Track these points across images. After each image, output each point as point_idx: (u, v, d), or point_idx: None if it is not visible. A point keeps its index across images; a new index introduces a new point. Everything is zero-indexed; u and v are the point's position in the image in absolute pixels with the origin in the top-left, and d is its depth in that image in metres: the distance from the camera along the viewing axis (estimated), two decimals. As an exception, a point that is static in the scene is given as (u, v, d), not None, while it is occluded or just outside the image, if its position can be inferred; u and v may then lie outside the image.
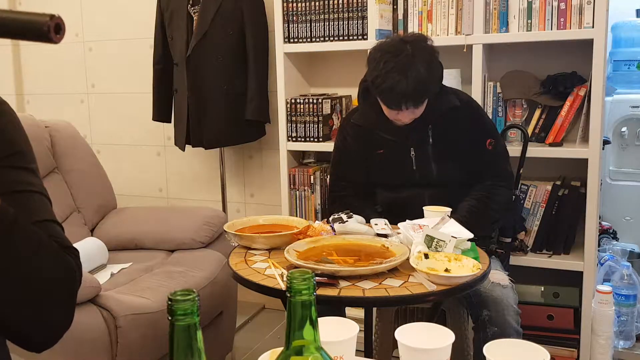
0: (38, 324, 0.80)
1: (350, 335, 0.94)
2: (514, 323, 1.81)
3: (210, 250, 2.50)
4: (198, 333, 0.60)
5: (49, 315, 0.81)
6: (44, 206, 0.88)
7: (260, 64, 2.83)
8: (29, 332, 0.80)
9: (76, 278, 0.85)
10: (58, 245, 0.83)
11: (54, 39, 0.67)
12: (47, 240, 0.81)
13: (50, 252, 0.81)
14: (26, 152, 0.89)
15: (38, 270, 0.78)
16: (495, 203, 2.03)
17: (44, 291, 0.79)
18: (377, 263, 1.49)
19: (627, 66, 2.75)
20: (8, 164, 0.85)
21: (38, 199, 0.87)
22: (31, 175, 0.88)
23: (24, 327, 0.79)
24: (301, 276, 0.62)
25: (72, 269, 0.84)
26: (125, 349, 1.88)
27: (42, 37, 0.68)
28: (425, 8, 2.44)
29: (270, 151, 3.12)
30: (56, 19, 0.67)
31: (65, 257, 0.84)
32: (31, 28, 0.68)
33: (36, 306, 0.79)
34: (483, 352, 0.88)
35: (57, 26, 0.67)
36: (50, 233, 0.83)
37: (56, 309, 0.82)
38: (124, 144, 3.49)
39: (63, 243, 0.85)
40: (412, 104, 1.87)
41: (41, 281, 0.79)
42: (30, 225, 0.79)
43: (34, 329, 0.80)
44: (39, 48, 3.61)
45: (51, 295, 0.80)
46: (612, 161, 2.85)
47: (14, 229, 0.75)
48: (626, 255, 2.66)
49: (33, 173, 0.89)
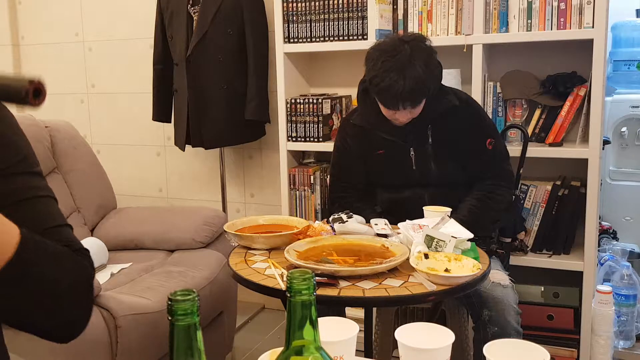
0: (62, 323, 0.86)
1: (350, 335, 0.94)
2: (514, 323, 1.81)
3: (210, 250, 2.50)
4: (198, 333, 0.60)
5: (70, 314, 0.86)
6: (52, 210, 0.89)
7: (260, 64, 2.83)
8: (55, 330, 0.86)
9: (91, 276, 0.89)
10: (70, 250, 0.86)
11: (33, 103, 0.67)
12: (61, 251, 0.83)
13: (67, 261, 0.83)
14: (29, 156, 0.88)
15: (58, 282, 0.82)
16: (496, 203, 2.03)
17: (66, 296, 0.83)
18: (377, 263, 1.49)
19: (627, 66, 2.75)
20: (13, 171, 0.84)
21: (46, 204, 0.88)
22: (37, 179, 0.88)
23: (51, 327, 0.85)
24: (301, 276, 0.62)
25: (87, 271, 0.88)
26: (125, 349, 1.88)
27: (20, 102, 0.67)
28: (425, 8, 2.44)
29: (270, 151, 3.12)
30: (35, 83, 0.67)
31: (80, 261, 0.87)
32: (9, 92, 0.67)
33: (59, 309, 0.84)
34: (483, 352, 0.88)
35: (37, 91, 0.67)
36: (61, 238, 0.86)
37: (77, 308, 0.87)
38: (124, 144, 3.49)
39: (74, 246, 0.88)
40: (410, 104, 1.87)
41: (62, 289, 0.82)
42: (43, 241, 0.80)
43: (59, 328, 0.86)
44: (39, 48, 3.62)
45: (72, 298, 0.85)
46: (612, 161, 2.85)
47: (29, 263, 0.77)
48: (626, 255, 2.66)
49: (38, 176, 0.88)
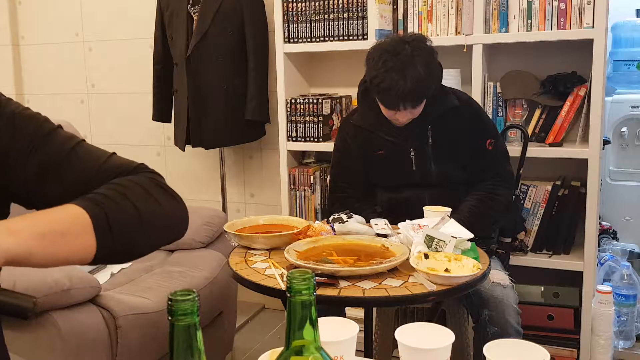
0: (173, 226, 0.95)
1: (350, 335, 0.94)
2: (514, 323, 1.81)
3: (210, 250, 2.50)
4: (198, 333, 0.60)
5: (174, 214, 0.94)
6: (91, 149, 0.96)
7: (260, 64, 2.83)
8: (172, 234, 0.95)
9: (161, 177, 0.96)
10: (133, 169, 0.94)
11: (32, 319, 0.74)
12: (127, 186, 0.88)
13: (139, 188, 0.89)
14: (45, 119, 0.97)
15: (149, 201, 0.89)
16: (496, 203, 2.03)
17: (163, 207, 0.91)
18: (377, 263, 1.49)
19: (627, 66, 2.75)
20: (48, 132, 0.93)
21: (84, 146, 0.95)
22: (64, 131, 0.96)
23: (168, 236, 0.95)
24: (301, 276, 0.62)
25: (154, 176, 0.94)
26: (125, 349, 1.88)
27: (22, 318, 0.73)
28: (425, 8, 2.44)
29: (270, 151, 3.12)
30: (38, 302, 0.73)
31: (146, 175, 0.93)
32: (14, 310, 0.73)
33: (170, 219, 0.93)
34: (483, 352, 0.88)
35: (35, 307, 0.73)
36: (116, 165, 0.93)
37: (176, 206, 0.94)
38: (124, 144, 3.49)
39: (129, 166, 0.94)
40: (410, 105, 1.87)
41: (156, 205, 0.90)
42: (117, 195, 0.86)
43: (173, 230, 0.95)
44: (39, 48, 3.62)
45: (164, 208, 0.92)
46: (612, 161, 2.85)
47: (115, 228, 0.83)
48: (626, 255, 2.66)
49: (61, 128, 0.97)
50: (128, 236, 0.85)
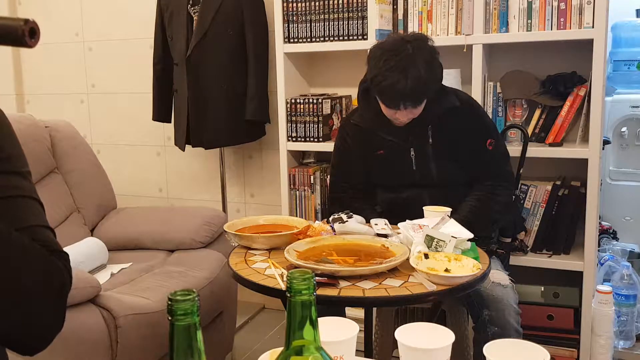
0: (28, 329, 0.80)
1: (350, 335, 0.94)
2: (514, 323, 1.81)
3: (210, 250, 2.50)
4: (198, 333, 0.60)
5: (38, 319, 0.80)
6: (32, 211, 0.85)
7: (260, 64, 2.83)
8: (19, 336, 0.80)
9: (65, 281, 0.83)
10: (45, 249, 0.81)
11: (29, 43, 0.68)
12: (30, 245, 0.79)
13: (35, 256, 0.79)
14: (14, 156, 0.86)
15: (25, 276, 0.77)
16: (496, 203, 2.03)
17: (32, 296, 0.78)
18: (377, 263, 1.49)
19: (627, 66, 2.75)
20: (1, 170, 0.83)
21: (25, 204, 0.84)
22: (19, 179, 0.85)
23: (14, 332, 0.79)
24: (301, 276, 0.62)
25: (60, 272, 0.82)
26: (125, 349, 1.88)
27: (16, 42, 0.68)
28: (425, 8, 2.44)
29: (270, 151, 3.12)
30: (30, 23, 0.68)
31: (53, 261, 0.82)
32: (6, 33, 0.68)
33: (25, 311, 0.78)
34: (483, 352, 0.88)
35: (32, 30, 0.68)
36: (37, 238, 0.82)
37: (46, 313, 0.81)
38: (124, 144, 3.49)
39: (50, 247, 0.83)
40: (411, 104, 1.87)
41: (28, 286, 0.78)
42: (13, 233, 0.77)
43: (24, 334, 0.80)
44: (39, 48, 3.61)
45: (39, 300, 0.79)
46: (612, 161, 2.85)
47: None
48: (626, 255, 2.66)
49: (22, 176, 0.86)
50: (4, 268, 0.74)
